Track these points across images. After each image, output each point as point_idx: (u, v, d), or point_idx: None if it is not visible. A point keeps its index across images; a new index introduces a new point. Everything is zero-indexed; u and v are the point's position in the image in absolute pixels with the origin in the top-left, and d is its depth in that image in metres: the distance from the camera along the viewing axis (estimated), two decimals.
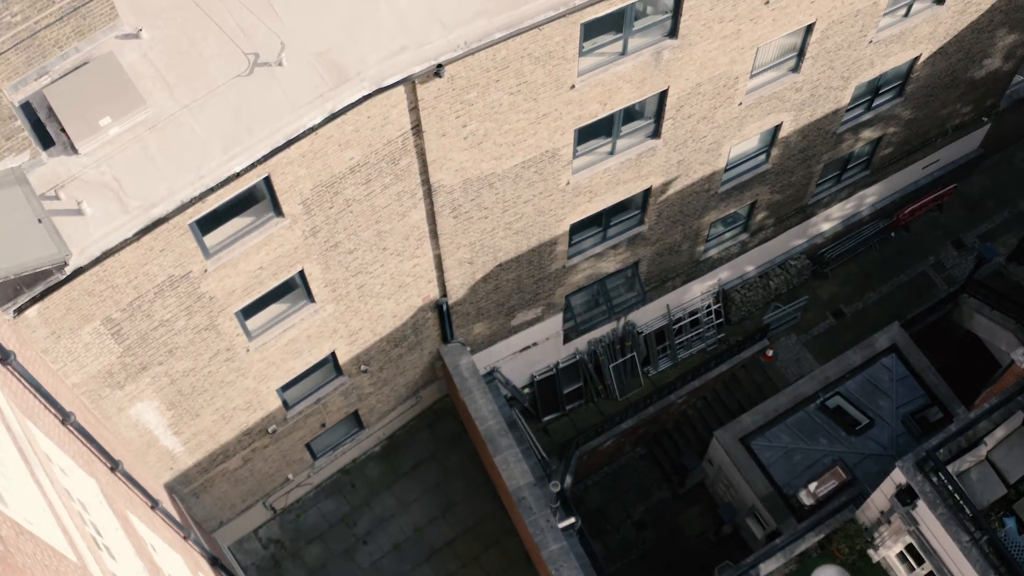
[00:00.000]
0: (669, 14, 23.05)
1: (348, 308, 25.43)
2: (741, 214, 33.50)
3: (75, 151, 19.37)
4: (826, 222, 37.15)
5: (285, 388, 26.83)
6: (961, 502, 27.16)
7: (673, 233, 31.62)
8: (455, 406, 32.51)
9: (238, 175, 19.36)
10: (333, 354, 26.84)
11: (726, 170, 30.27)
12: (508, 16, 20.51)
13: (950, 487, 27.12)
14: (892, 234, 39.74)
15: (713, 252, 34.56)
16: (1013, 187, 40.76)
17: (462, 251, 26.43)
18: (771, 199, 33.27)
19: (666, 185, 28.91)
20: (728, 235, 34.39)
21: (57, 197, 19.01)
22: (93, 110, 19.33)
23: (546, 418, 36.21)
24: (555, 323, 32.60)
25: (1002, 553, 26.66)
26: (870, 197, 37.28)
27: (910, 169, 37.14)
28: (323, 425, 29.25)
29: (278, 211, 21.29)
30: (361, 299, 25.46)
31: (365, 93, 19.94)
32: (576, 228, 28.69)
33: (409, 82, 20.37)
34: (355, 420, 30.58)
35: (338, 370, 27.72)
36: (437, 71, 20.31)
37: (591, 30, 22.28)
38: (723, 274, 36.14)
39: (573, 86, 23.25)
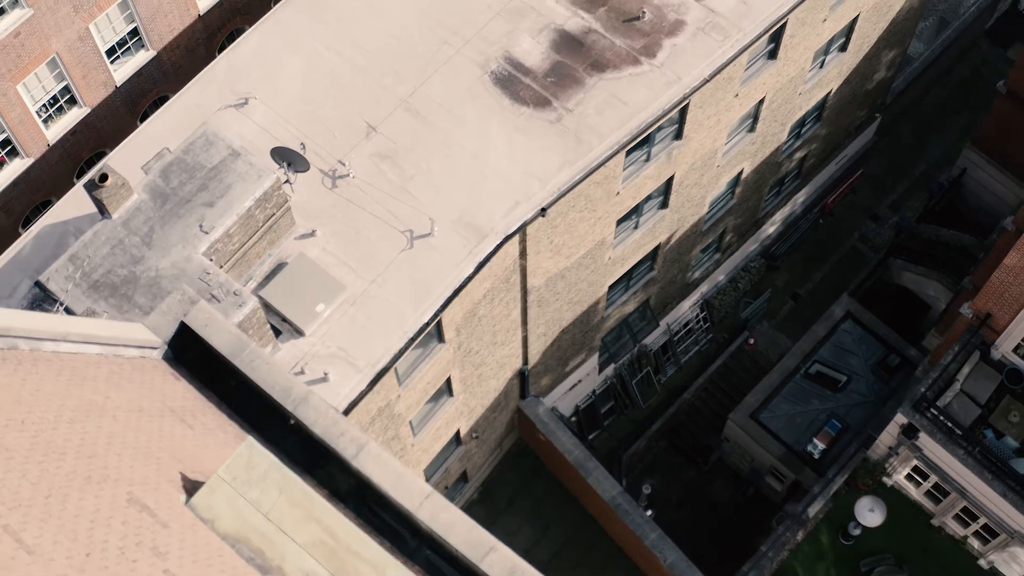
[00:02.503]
0: (676, 124, 30.74)
1: (471, 394, 32.66)
2: (715, 240, 41.45)
3: (301, 334, 26.22)
4: (771, 226, 45.33)
5: (427, 467, 33.91)
6: (951, 426, 35.46)
7: (672, 269, 39.44)
8: (530, 446, 39.83)
9: (428, 325, 26.47)
10: (457, 431, 34.01)
11: (707, 214, 38.15)
12: (583, 161, 27.98)
13: (942, 417, 35.40)
14: (821, 221, 48.14)
15: (697, 274, 42.46)
16: (905, 160, 49.54)
17: (540, 328, 33.83)
18: (735, 223, 41.31)
19: (670, 238, 36.70)
20: (706, 259, 42.32)
21: (303, 372, 25.90)
22: (306, 300, 26.19)
23: (591, 436, 43.71)
24: (593, 361, 40.16)
25: (990, 456, 35.04)
26: (801, 198, 45.57)
27: (827, 168, 45.53)
28: (446, 488, 36.35)
29: (441, 339, 28.45)
30: (479, 384, 32.71)
31: (498, 243, 27.20)
32: (611, 287, 36.29)
33: (524, 226, 27.71)
34: (463, 477, 37.72)
35: (458, 441, 34.89)
36: (542, 213, 27.69)
37: (630, 152, 29.87)
38: (704, 287, 44.08)
39: (618, 192, 30.83)
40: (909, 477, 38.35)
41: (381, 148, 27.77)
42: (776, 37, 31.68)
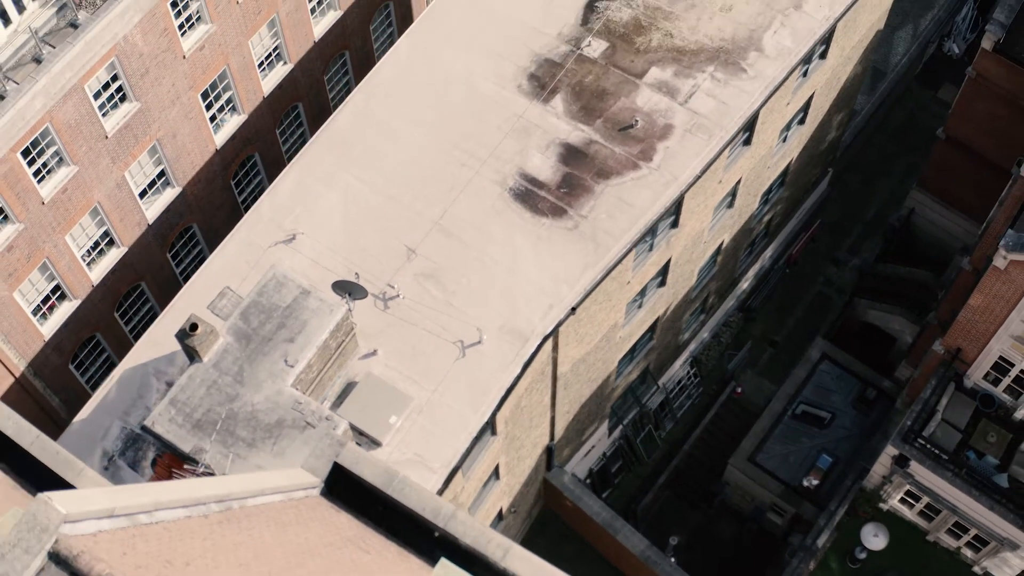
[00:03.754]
0: (673, 215, 34.43)
1: (512, 474, 35.97)
2: (700, 304, 45.19)
3: (379, 445, 29.41)
4: (745, 282, 49.19)
5: None
6: (938, 453, 39.31)
7: (667, 336, 43.09)
8: (557, 512, 43.12)
9: (487, 424, 29.82)
10: (500, 509, 37.27)
11: (696, 283, 41.88)
12: (603, 262, 31.52)
13: (929, 446, 39.24)
14: (788, 271, 52.10)
15: (686, 335, 46.14)
16: (857, 205, 53.72)
17: (564, 407, 37.25)
18: (717, 286, 45.10)
19: (666, 310, 40.36)
20: (694, 321, 46.03)
21: None
22: (379, 413, 29.38)
23: (604, 495, 47.11)
24: (604, 427, 43.62)
25: (975, 475, 38.93)
26: (769, 253, 49.49)
27: (789, 223, 49.53)
28: None
29: (493, 432, 31.77)
30: (518, 464, 36.04)
31: (539, 344, 30.65)
32: (620, 361, 39.82)
33: (558, 326, 31.19)
34: None
35: (500, 518, 38.12)
36: (572, 312, 31.18)
37: (637, 246, 33.50)
38: (692, 346, 47.76)
39: (628, 281, 34.42)
40: (903, 500, 42.10)
41: (423, 268, 31.09)
42: (750, 127, 35.48)
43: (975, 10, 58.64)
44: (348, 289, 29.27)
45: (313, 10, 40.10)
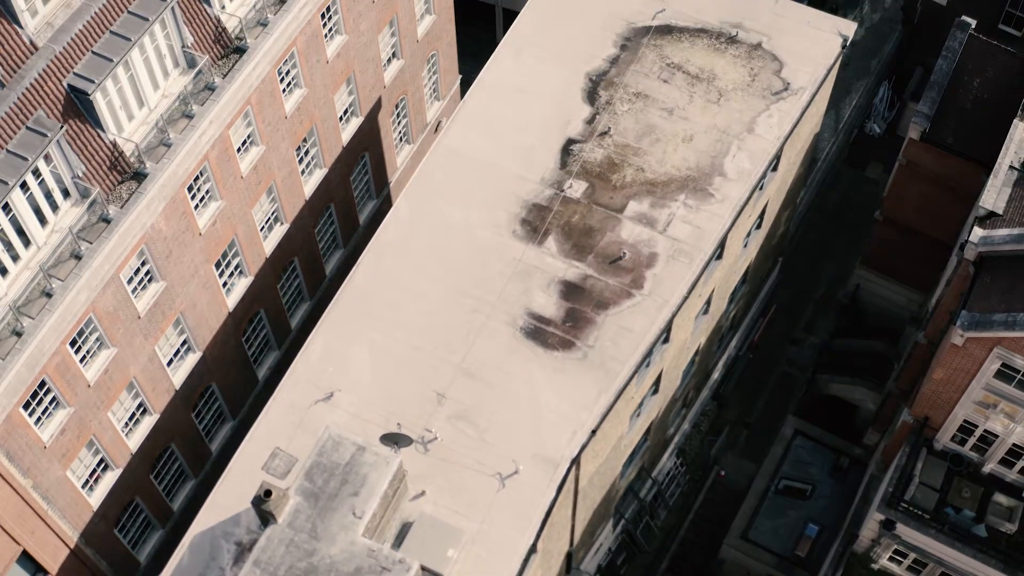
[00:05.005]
0: (666, 332, 38.09)
1: None
2: (682, 400, 48.83)
3: None
4: (716, 372, 52.99)
5: None
6: (920, 513, 43.10)
7: (658, 435, 46.62)
8: None
9: (532, 546, 32.98)
10: None
11: (680, 385, 45.55)
12: (614, 386, 34.99)
13: (911, 508, 43.01)
14: (751, 356, 56.01)
15: (671, 431, 49.74)
16: (806, 286, 57.95)
17: (581, 515, 40.53)
18: (695, 382, 48.82)
19: (659, 413, 43.94)
20: (677, 416, 49.65)
21: None
22: (437, 548, 32.38)
23: None
24: (609, 525, 46.90)
25: (956, 529, 42.76)
26: (734, 342, 53.39)
27: (750, 312, 53.52)
28: None
29: (534, 550, 34.94)
30: (547, 573, 39.13)
31: (568, 466, 33.97)
32: (623, 465, 43.22)
33: (583, 449, 34.57)
34: None
35: None
36: (593, 435, 34.58)
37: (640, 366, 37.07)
38: (676, 438, 51.34)
39: (632, 397, 37.94)
40: (892, 559, 45.79)
41: (454, 410, 34.36)
42: (722, 244, 39.37)
43: (891, 90, 63.54)
44: (395, 440, 32.48)
45: (303, 171, 43.45)
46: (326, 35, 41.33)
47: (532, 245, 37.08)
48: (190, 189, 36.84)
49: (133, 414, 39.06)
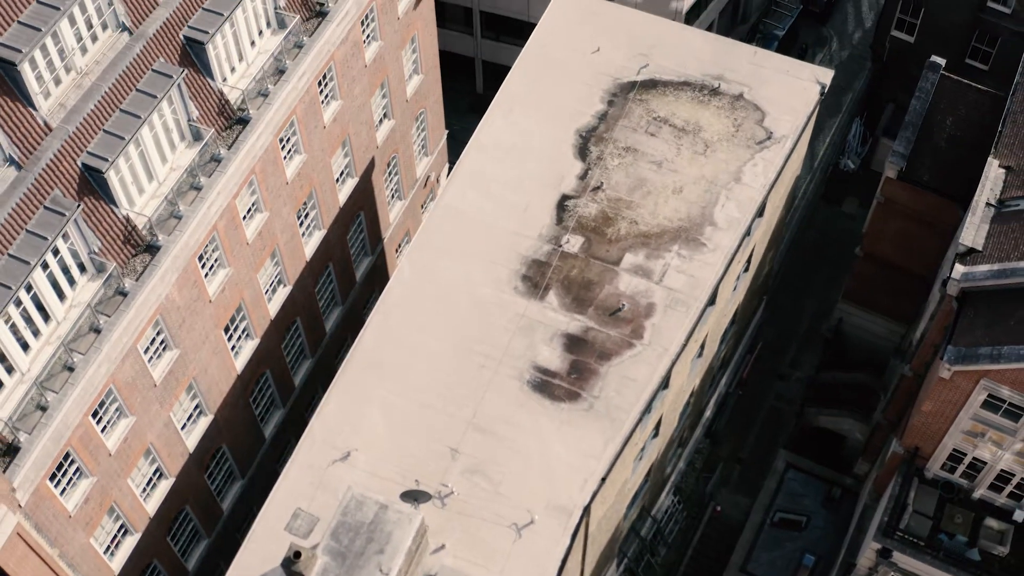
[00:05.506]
0: (666, 379, 39.45)
1: None
2: (678, 440, 50.19)
3: None
4: (708, 410, 54.39)
5: None
6: (915, 541, 44.52)
7: (658, 476, 47.92)
8: None
9: None
10: None
11: (677, 426, 46.90)
12: (620, 435, 36.26)
13: (906, 536, 44.44)
14: (740, 392, 57.47)
15: (669, 470, 51.06)
16: (790, 322, 59.52)
17: (590, 558, 41.70)
18: (690, 422, 50.19)
19: (658, 455, 45.26)
20: (673, 456, 50.99)
21: None
22: None
23: None
24: (614, 565, 48.10)
25: (950, 555, 44.21)
26: (723, 381, 54.84)
27: (738, 351, 55.00)
28: None
29: None
30: None
31: (580, 514, 35.21)
32: (627, 507, 44.48)
33: (593, 496, 35.81)
34: None
35: None
36: (603, 482, 35.84)
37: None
38: (673, 477, 52.65)
39: (636, 443, 39.24)
40: None
41: (467, 465, 35.57)
42: (715, 291, 40.81)
43: (863, 126, 65.40)
44: (414, 496, 33.67)
45: (303, 233, 44.70)
46: (323, 101, 42.66)
47: (534, 300, 38.38)
48: (200, 258, 38.00)
49: (150, 479, 40.03)
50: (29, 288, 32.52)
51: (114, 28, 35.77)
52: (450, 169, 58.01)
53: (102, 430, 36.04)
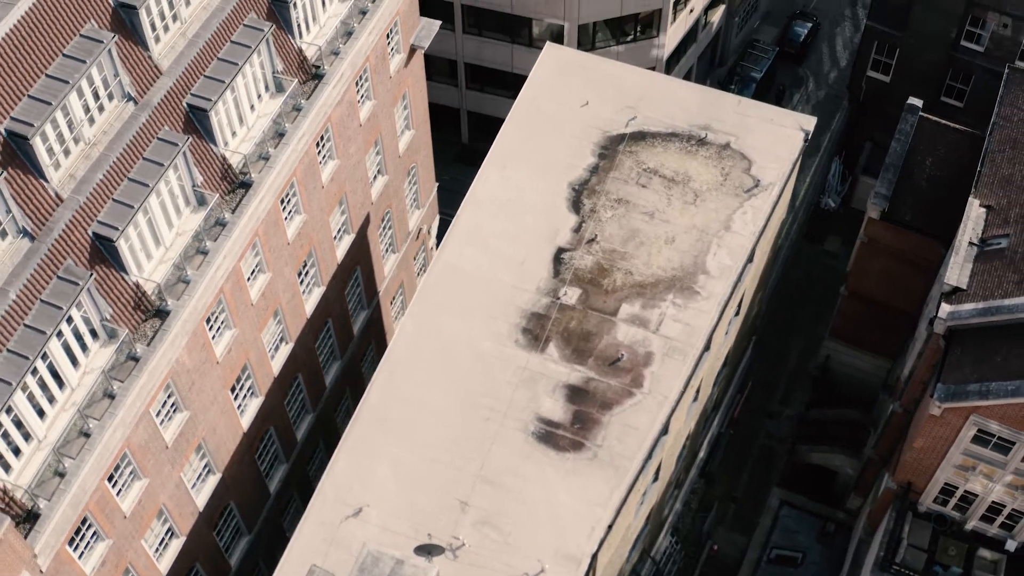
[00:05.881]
0: (665, 426, 40.46)
1: None
2: (675, 482, 51.14)
3: None
4: (702, 451, 55.39)
5: None
6: (911, 573, 45.54)
7: (658, 517, 48.83)
8: None
9: None
10: None
11: (675, 468, 47.86)
12: (624, 483, 37.20)
13: (903, 569, 45.46)
14: (732, 432, 58.52)
15: (666, 512, 51.98)
16: (778, 361, 60.66)
17: None
18: (686, 464, 51.17)
19: (658, 498, 46.19)
20: (671, 497, 51.92)
21: None
22: None
23: None
24: None
25: None
26: (715, 422, 55.87)
27: (729, 391, 56.08)
28: None
29: None
30: None
31: (589, 562, 36.08)
32: (630, 550, 45.35)
33: (601, 543, 36.70)
34: None
35: None
36: (609, 529, 36.74)
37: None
38: (670, 518, 53.56)
39: (639, 489, 40.17)
40: None
41: (477, 517, 36.42)
42: (710, 337, 41.92)
43: (842, 165, 66.85)
44: (428, 550, 34.49)
45: (304, 291, 45.60)
46: (321, 161, 43.66)
47: (535, 353, 39.35)
48: (208, 321, 38.78)
49: (163, 539, 40.67)
50: (44, 356, 33.23)
51: (120, 98, 36.62)
52: (441, 221, 59.07)
53: (117, 493, 36.70)
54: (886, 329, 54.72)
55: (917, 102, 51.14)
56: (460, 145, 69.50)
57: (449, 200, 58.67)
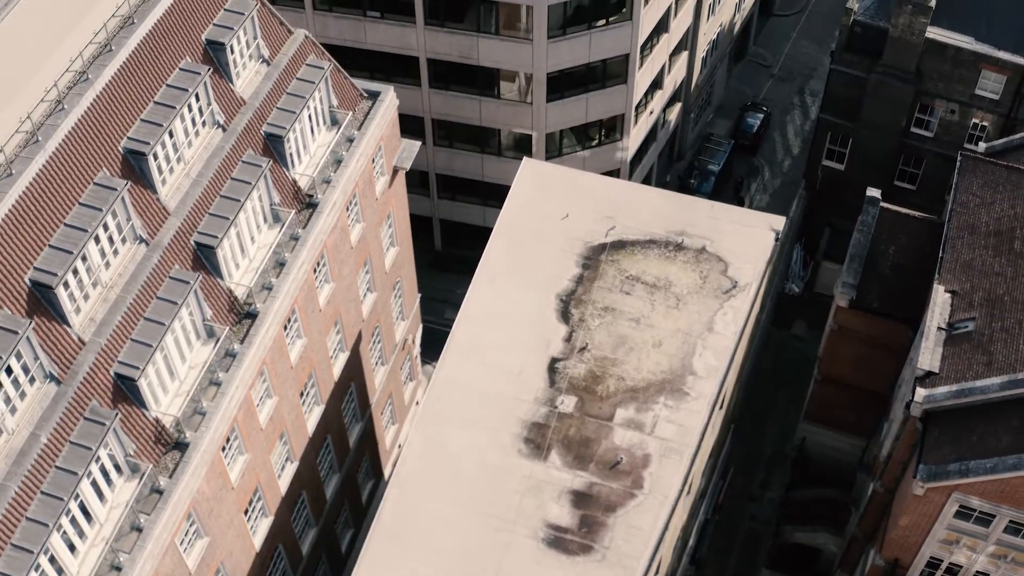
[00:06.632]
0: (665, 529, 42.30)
1: None
2: (671, 572, 52.87)
3: None
4: (692, 539, 57.19)
5: None
6: None
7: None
8: None
9: None
10: None
11: (671, 560, 49.61)
12: None
13: None
14: (717, 518, 60.44)
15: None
16: (756, 445, 62.87)
17: None
18: (678, 554, 52.98)
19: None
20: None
21: None
22: None
23: None
24: None
25: None
26: (702, 509, 57.76)
27: (713, 479, 58.07)
28: None
29: None
30: None
31: None
32: None
33: None
34: None
35: None
36: None
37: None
38: None
39: None
40: None
41: None
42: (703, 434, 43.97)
43: (803, 250, 69.61)
44: None
45: (306, 411, 47.26)
46: (318, 286, 45.56)
47: (538, 461, 41.21)
48: (223, 449, 40.36)
49: None
50: (76, 495, 34.65)
51: (132, 240, 38.48)
52: (424, 330, 60.96)
53: None
54: (859, 410, 57.00)
55: (877, 193, 53.86)
56: (433, 252, 71.65)
57: (426, 306, 60.79)
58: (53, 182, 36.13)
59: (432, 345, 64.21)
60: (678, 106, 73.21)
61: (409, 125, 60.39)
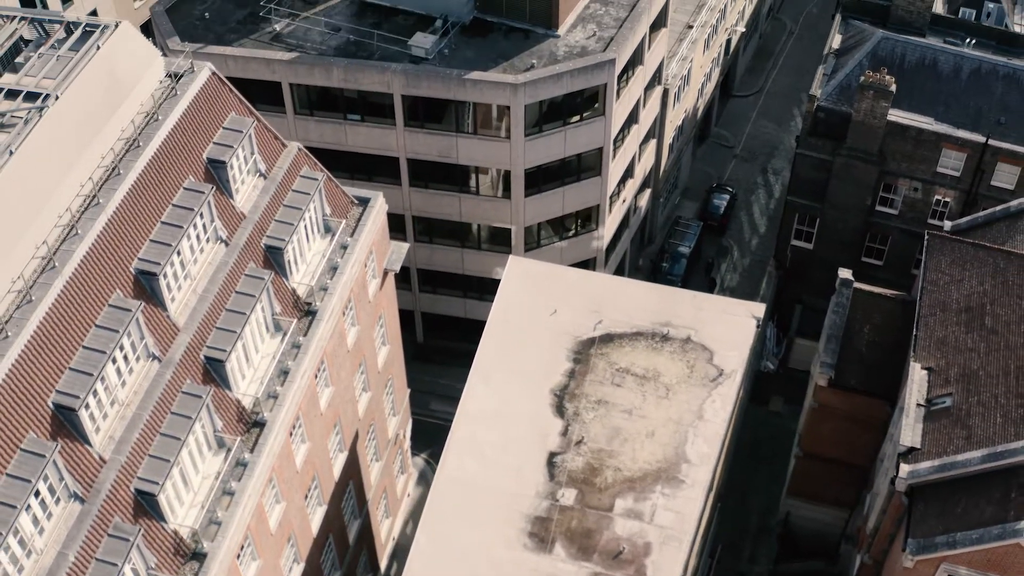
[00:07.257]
0: None
1: None
2: None
3: None
4: None
5: None
6: None
7: None
8: None
9: None
10: None
11: None
12: None
13: None
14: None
15: None
16: (740, 522, 64.30)
17: None
18: None
19: None
20: None
21: None
22: None
23: None
24: None
25: None
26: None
27: (704, 554, 59.55)
28: None
29: None
30: None
31: None
32: None
33: None
34: None
35: None
36: None
37: None
38: None
39: None
40: None
41: None
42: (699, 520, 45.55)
43: (776, 328, 71.72)
44: None
45: (310, 513, 48.46)
46: (319, 391, 47.00)
47: (544, 554, 42.59)
48: (238, 556, 41.50)
49: None
50: None
51: (145, 358, 39.78)
52: (414, 424, 62.34)
53: None
54: (841, 483, 58.86)
55: (848, 274, 56.11)
56: (416, 344, 73.15)
57: (411, 398, 62.24)
58: (71, 305, 37.48)
59: (418, 436, 65.71)
60: (648, 192, 75.49)
61: (390, 222, 62.05)
